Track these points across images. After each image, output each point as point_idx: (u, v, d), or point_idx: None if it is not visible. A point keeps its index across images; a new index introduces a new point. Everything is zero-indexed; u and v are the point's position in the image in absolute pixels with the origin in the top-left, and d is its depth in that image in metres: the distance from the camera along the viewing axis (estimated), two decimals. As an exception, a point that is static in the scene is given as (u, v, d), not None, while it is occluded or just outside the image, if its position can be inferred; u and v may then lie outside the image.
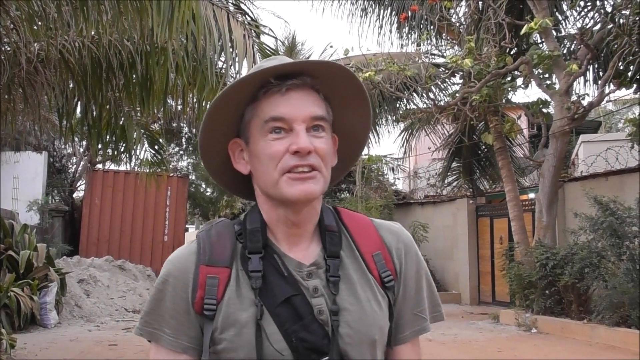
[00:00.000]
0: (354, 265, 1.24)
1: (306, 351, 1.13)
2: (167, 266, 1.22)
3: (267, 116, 1.18)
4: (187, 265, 1.19)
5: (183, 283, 1.18)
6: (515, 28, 11.32)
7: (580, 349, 8.74)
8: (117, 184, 16.34)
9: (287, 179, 1.17)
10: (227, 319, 1.15)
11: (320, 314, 1.16)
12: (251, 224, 1.22)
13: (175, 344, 1.18)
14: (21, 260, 10.08)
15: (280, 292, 1.16)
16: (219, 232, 1.23)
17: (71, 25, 5.56)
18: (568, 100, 10.98)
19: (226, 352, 1.14)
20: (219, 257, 1.19)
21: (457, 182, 17.21)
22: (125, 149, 7.94)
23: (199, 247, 1.20)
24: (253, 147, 1.21)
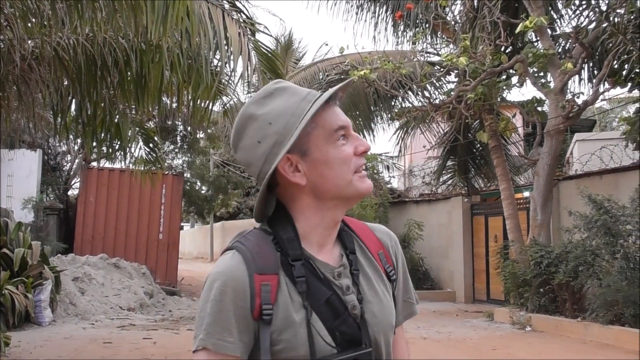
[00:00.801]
0: (367, 263, 1.40)
1: (346, 343, 1.27)
2: (220, 278, 1.27)
3: (335, 126, 1.33)
4: (241, 275, 1.26)
5: (241, 292, 1.25)
6: (511, 26, 11.35)
7: (574, 347, 8.78)
8: (112, 182, 16.30)
9: (357, 177, 1.33)
10: (285, 321, 1.25)
11: (353, 309, 1.30)
12: (286, 233, 1.32)
13: (236, 350, 1.25)
14: (15, 258, 10.05)
15: (320, 293, 1.29)
16: (258, 242, 1.32)
17: (65, 23, 5.55)
18: (563, 98, 11.01)
19: (285, 351, 1.25)
20: (267, 265, 1.28)
21: (452, 180, 17.25)
22: (120, 147, 7.92)
23: (246, 257, 1.28)
24: (317, 156, 1.32)
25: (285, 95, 1.35)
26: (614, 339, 8.74)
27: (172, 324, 11.16)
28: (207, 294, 1.28)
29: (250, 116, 1.34)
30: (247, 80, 5.47)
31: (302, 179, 1.33)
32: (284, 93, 1.35)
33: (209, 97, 6.22)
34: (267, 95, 1.36)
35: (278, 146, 1.31)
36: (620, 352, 8.22)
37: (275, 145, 1.31)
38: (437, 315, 12.59)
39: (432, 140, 16.04)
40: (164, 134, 19.53)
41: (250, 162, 1.35)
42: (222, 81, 6.80)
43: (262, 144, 1.32)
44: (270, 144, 1.31)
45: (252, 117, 1.34)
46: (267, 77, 6.05)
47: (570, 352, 8.48)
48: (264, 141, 1.32)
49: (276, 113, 1.32)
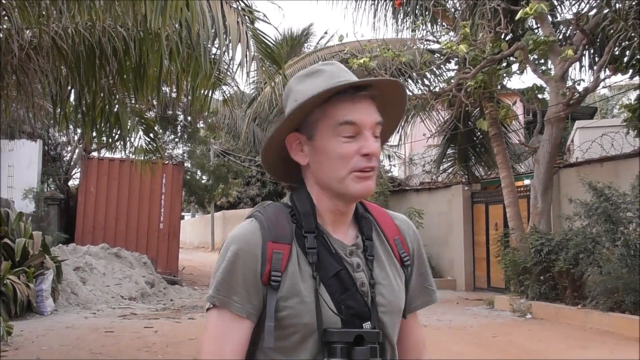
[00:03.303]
0: (382, 247, 1.46)
1: (352, 317, 1.33)
2: (236, 242, 1.35)
3: (341, 119, 1.35)
4: (256, 241, 1.33)
5: (253, 257, 1.32)
6: (511, 13, 11.30)
7: (574, 334, 8.80)
8: (113, 172, 16.30)
9: (354, 176, 1.36)
10: (291, 289, 1.31)
11: (362, 286, 1.37)
12: (302, 207, 1.40)
13: (241, 310, 1.32)
14: (17, 248, 10.07)
15: (330, 267, 1.36)
16: (275, 213, 1.39)
17: (63, 12, 5.52)
18: (563, 86, 10.98)
19: (290, 317, 1.31)
20: (281, 234, 1.35)
21: (453, 168, 17.23)
22: (120, 137, 7.91)
23: (262, 225, 1.35)
24: (319, 144, 1.38)
25: (321, 77, 1.41)
26: (614, 326, 8.76)
27: (173, 313, 11.19)
28: (222, 255, 1.36)
29: (289, 89, 1.46)
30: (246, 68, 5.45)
31: (303, 159, 1.42)
32: (321, 75, 1.41)
33: (208, 85, 6.20)
34: (308, 74, 1.45)
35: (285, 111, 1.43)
36: (620, 339, 8.25)
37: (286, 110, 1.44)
38: (438, 303, 12.40)
39: (432, 129, 16.01)
40: (164, 123, 19.50)
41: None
42: (221, 70, 6.78)
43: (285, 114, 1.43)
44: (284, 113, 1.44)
45: (290, 90, 1.46)
46: (266, 65, 6.03)
47: (571, 339, 8.51)
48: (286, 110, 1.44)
49: (303, 93, 1.39)
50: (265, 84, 10.77)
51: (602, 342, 8.22)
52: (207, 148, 25.85)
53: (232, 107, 10.37)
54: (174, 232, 16.62)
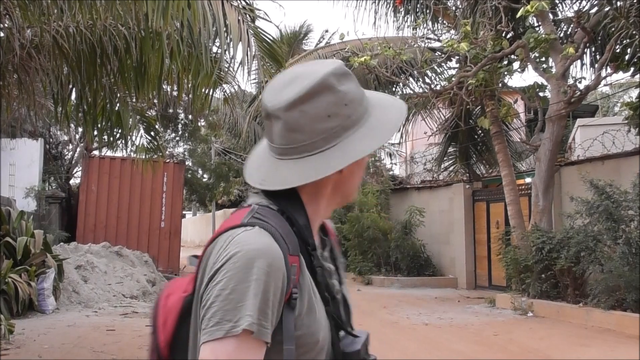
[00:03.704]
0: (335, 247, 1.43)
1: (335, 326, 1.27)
2: (262, 257, 1.15)
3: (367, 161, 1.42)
4: (279, 255, 1.16)
5: (282, 274, 1.15)
6: (512, 11, 11.29)
7: (575, 332, 8.80)
8: (114, 171, 16.32)
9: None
10: (308, 306, 1.20)
11: (337, 293, 1.31)
12: (301, 219, 1.27)
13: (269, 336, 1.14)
14: (18, 246, 10.08)
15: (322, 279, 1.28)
16: (278, 221, 1.23)
17: (64, 11, 5.52)
18: (565, 84, 10.97)
19: (306, 336, 1.19)
20: (293, 245, 1.20)
21: (454, 166, 17.23)
22: (121, 135, 7.91)
23: (275, 236, 1.18)
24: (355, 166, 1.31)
25: (354, 83, 1.31)
26: (616, 324, 8.76)
27: (175, 312, 11.19)
28: (245, 273, 1.13)
29: (330, 86, 1.25)
30: (247, 67, 5.45)
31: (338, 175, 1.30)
32: (353, 79, 1.30)
33: (209, 84, 6.20)
34: (345, 73, 1.29)
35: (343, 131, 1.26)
36: (622, 337, 8.25)
37: (342, 129, 1.26)
38: (439, 302, 12.62)
39: (434, 127, 16.00)
40: (165, 122, 19.54)
41: (303, 128, 1.24)
42: (222, 68, 6.78)
43: (331, 120, 1.25)
44: (337, 125, 1.25)
45: (331, 88, 1.25)
46: (267, 64, 6.03)
47: (572, 337, 8.51)
48: (333, 118, 1.25)
49: (352, 97, 1.28)
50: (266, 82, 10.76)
51: (604, 340, 8.22)
52: (208, 147, 25.88)
53: (233, 106, 10.36)
54: (175, 230, 16.65)
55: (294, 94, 1.23)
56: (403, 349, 7.91)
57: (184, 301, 1.26)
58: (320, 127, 1.24)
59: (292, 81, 1.26)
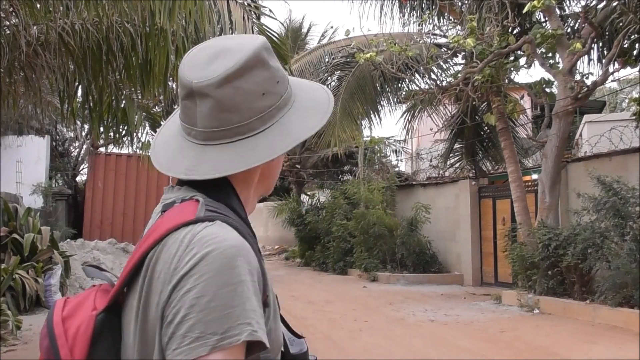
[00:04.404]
0: None
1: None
2: (241, 253, 1.00)
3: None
4: (252, 251, 1.03)
5: (257, 271, 1.02)
6: (518, 7, 11.24)
7: (582, 329, 8.77)
8: (120, 167, 16.39)
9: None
10: (274, 307, 1.08)
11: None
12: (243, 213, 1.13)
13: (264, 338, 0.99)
14: (25, 243, 10.12)
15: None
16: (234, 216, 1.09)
17: (70, 8, 5.53)
18: (571, 79, 10.91)
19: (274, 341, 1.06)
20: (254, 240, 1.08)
21: (460, 163, 17.21)
22: (127, 132, 7.93)
23: (240, 231, 1.04)
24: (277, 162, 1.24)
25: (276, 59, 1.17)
26: (623, 321, 8.73)
27: (181, 308, 11.22)
28: (227, 275, 0.96)
29: (263, 61, 1.12)
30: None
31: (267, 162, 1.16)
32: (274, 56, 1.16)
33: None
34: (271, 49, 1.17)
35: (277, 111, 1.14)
36: (629, 334, 8.22)
37: (276, 109, 1.13)
38: (445, 298, 12.61)
39: (439, 123, 15.98)
40: (171, 118, 19.54)
41: (238, 107, 1.09)
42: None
43: (265, 98, 1.11)
44: (272, 104, 1.12)
45: (264, 63, 1.12)
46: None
47: (579, 334, 8.49)
48: (267, 97, 1.12)
49: (282, 74, 1.16)
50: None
51: (611, 337, 8.19)
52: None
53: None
54: (181, 227, 16.66)
55: (225, 68, 1.08)
56: (409, 346, 7.91)
57: (96, 321, 1.04)
58: (256, 105, 1.10)
59: (218, 55, 1.10)
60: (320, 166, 22.32)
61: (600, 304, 9.32)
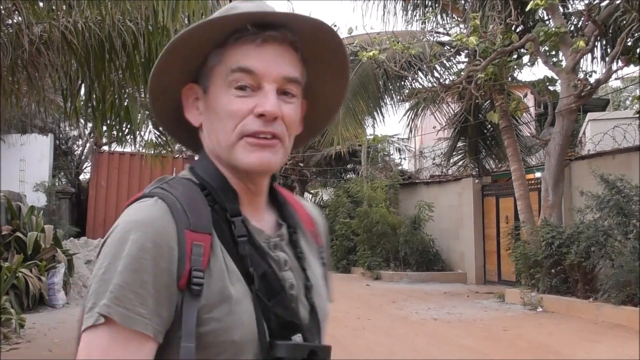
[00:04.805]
0: (305, 240, 1.17)
1: (280, 328, 1.02)
2: (141, 228, 0.96)
3: (234, 65, 1.04)
4: (168, 229, 0.96)
5: (167, 251, 0.95)
6: (521, 5, 11.21)
7: (585, 328, 8.76)
8: (123, 166, 16.40)
9: (244, 143, 1.03)
10: (219, 295, 0.97)
11: (291, 288, 1.06)
12: (219, 183, 1.06)
13: (148, 328, 0.93)
14: (29, 241, 10.14)
15: (257, 264, 1.03)
16: (186, 192, 1.03)
17: (73, 6, 5.53)
18: (575, 77, 10.89)
19: (215, 334, 0.96)
20: (200, 221, 0.99)
21: (463, 161, 17.19)
22: (130, 131, 7.94)
23: (174, 207, 0.98)
24: (212, 98, 1.06)
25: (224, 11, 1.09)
26: (626, 319, 8.71)
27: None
28: (117, 248, 0.95)
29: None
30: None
31: (195, 118, 1.11)
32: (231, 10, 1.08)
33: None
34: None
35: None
36: (632, 333, 8.20)
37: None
38: (448, 297, 12.60)
39: (443, 121, 15.96)
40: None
41: None
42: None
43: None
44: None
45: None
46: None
47: (582, 332, 8.48)
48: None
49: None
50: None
51: (614, 335, 8.18)
52: (217, 141, 25.92)
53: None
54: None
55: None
56: (412, 344, 7.91)
57: None
58: None
59: None
60: (324, 164, 22.32)
61: (603, 302, 9.30)
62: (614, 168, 10.31)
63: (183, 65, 1.09)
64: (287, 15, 1.06)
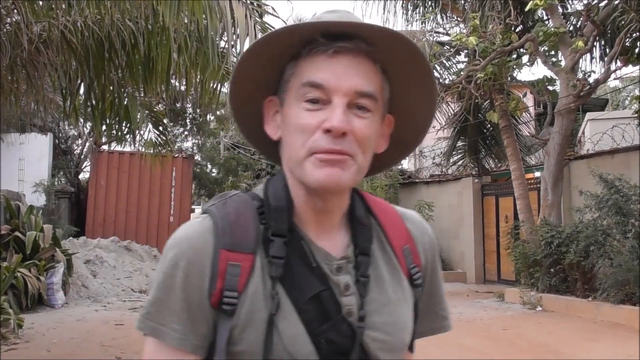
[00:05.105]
0: (385, 261, 1.10)
1: (333, 354, 0.99)
2: (178, 246, 1.00)
3: (305, 79, 1.01)
4: (204, 247, 0.99)
5: (198, 269, 0.98)
6: (521, 5, 11.22)
7: (585, 327, 8.77)
8: (123, 165, 16.38)
9: (315, 159, 0.99)
10: (251, 316, 0.97)
11: (349, 314, 1.02)
12: (276, 201, 1.04)
13: (183, 342, 0.98)
14: (28, 241, 10.13)
15: (308, 286, 1.01)
16: (237, 209, 1.03)
17: (72, 5, 5.53)
18: (574, 77, 10.90)
19: (245, 354, 0.97)
20: (241, 240, 0.99)
21: (463, 161, 17.19)
22: (130, 130, 7.93)
23: (216, 226, 1.00)
24: (287, 111, 1.04)
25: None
26: (625, 318, 8.72)
27: (184, 306, 11.21)
28: (160, 264, 1.02)
29: None
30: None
31: (274, 131, 1.09)
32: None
33: (217, 78, 6.20)
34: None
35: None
36: (631, 332, 8.21)
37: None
38: (448, 296, 12.39)
39: (442, 121, 15.95)
40: (174, 116, 19.57)
41: None
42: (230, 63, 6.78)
43: None
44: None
45: None
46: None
47: (581, 331, 8.48)
48: None
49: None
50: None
51: (613, 334, 8.18)
52: (217, 141, 25.91)
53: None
54: (184, 224, 16.63)
55: None
56: (411, 344, 7.90)
57: None
58: None
59: None
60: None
61: (602, 302, 9.31)
62: (612, 167, 10.32)
63: (258, 76, 1.08)
64: (359, 25, 1.01)
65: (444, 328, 1.26)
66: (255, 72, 1.08)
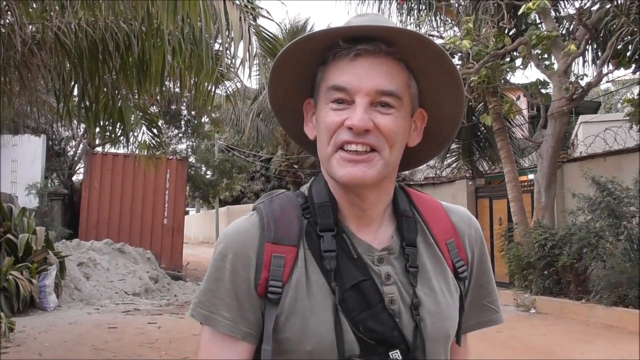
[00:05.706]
0: (429, 254, 1.15)
1: (374, 343, 1.04)
2: (226, 240, 1.09)
3: (330, 83, 1.08)
4: (250, 240, 1.07)
5: (245, 261, 1.06)
6: (514, 8, 11.27)
7: (578, 329, 8.80)
8: (116, 167, 16.32)
9: (339, 157, 1.07)
10: (295, 305, 1.04)
11: (391, 303, 1.07)
12: (319, 198, 1.11)
13: (234, 329, 1.06)
14: (20, 243, 10.09)
15: (348, 276, 1.06)
16: (282, 205, 1.11)
17: (66, 7, 5.52)
18: (567, 80, 10.95)
19: (290, 342, 1.04)
20: (285, 234, 1.07)
21: (457, 163, 17.22)
22: (123, 132, 7.91)
23: (263, 221, 1.08)
24: (318, 113, 1.12)
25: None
26: (618, 320, 8.75)
27: (177, 309, 11.22)
28: (212, 257, 1.11)
29: None
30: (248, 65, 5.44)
31: (311, 131, 1.16)
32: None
33: (211, 81, 6.20)
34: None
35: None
36: (624, 333, 8.24)
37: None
38: None
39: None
40: (168, 118, 19.53)
41: None
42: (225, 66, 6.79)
43: None
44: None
45: None
46: (268, 63, 6.03)
47: (575, 333, 8.51)
48: None
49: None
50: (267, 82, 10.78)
51: (606, 336, 8.21)
52: (212, 143, 25.88)
53: (235, 103, 10.36)
54: (178, 227, 16.62)
55: None
56: (405, 346, 7.90)
57: None
58: None
59: None
60: (319, 166, 22.30)
61: (595, 304, 9.34)
62: (605, 170, 10.36)
63: (293, 80, 1.16)
64: (376, 28, 1.06)
65: (493, 321, 1.31)
66: (285, 78, 1.15)
